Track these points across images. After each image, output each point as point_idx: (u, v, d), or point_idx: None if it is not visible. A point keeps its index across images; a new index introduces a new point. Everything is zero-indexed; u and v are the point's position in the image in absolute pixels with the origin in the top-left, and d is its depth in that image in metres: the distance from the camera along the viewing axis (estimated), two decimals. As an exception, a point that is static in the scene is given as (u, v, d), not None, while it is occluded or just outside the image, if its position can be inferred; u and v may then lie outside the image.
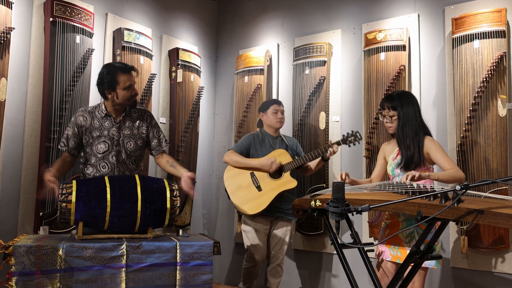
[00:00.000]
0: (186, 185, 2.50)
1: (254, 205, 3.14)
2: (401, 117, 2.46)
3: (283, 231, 3.29)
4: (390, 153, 2.60)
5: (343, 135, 3.21)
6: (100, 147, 2.54)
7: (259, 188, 3.17)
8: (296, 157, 3.22)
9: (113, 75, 2.47)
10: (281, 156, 3.22)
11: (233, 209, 4.27)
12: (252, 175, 3.21)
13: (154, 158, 2.78)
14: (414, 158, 2.40)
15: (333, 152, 3.12)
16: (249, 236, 3.26)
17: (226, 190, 3.28)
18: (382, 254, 2.48)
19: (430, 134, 2.51)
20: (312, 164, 3.30)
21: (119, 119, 2.58)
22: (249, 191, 3.17)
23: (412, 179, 2.17)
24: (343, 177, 2.49)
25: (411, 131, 2.43)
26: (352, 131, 3.19)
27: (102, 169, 2.55)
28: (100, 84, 2.51)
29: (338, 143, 3.15)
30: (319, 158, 3.22)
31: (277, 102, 3.39)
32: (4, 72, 2.85)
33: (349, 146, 3.22)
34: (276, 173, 3.21)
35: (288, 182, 3.16)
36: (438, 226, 1.87)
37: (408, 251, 2.33)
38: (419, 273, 2.32)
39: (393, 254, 2.42)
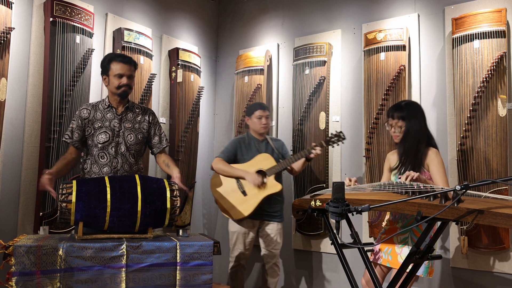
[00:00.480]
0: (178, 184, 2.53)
1: (240, 210, 3.20)
2: (406, 128, 2.45)
3: (274, 231, 3.31)
4: (394, 162, 2.60)
5: (327, 136, 3.26)
6: (100, 137, 2.58)
7: (244, 193, 3.22)
8: (280, 161, 3.25)
9: (109, 61, 2.60)
10: (266, 161, 3.26)
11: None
12: (238, 180, 3.26)
13: (155, 157, 2.81)
14: (415, 169, 2.38)
15: (316, 154, 3.16)
16: (234, 236, 3.31)
17: (213, 196, 3.34)
18: (377, 253, 2.48)
19: (435, 146, 2.49)
20: (296, 165, 3.33)
21: (121, 111, 2.65)
22: (235, 196, 3.23)
23: (411, 179, 2.17)
24: (353, 182, 2.49)
25: (414, 143, 2.42)
26: (336, 131, 3.24)
27: (100, 159, 2.57)
28: (100, 68, 2.65)
29: (321, 145, 3.19)
30: (303, 159, 3.25)
31: (262, 107, 3.38)
32: (4, 72, 2.85)
33: (333, 146, 3.28)
34: (261, 178, 3.24)
35: (272, 186, 3.20)
36: (435, 230, 1.87)
37: (398, 256, 2.34)
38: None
39: (384, 258, 2.43)
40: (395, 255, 2.37)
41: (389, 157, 2.69)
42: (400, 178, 2.40)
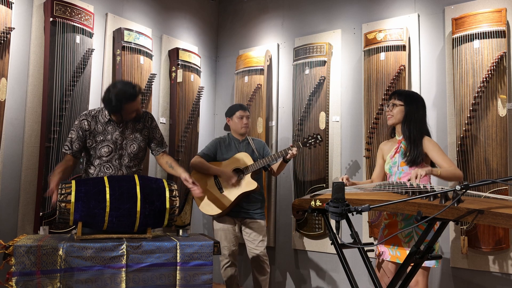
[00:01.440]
0: (189, 185, 2.59)
1: (215, 206, 3.25)
2: (406, 112, 2.47)
3: (256, 228, 3.33)
4: (388, 152, 2.60)
5: (304, 138, 3.28)
6: (103, 151, 2.59)
7: (221, 190, 3.27)
8: (258, 160, 3.27)
9: (120, 103, 2.49)
10: (243, 159, 3.29)
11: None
12: (216, 177, 3.31)
13: (156, 159, 2.83)
14: (418, 153, 2.40)
15: (293, 154, 3.18)
16: (219, 234, 3.35)
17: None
18: (382, 254, 2.48)
19: (429, 135, 2.51)
20: (274, 166, 3.38)
21: (122, 123, 2.64)
22: (212, 193, 3.28)
23: (420, 178, 2.16)
24: (344, 181, 2.50)
25: (415, 127, 2.44)
26: (314, 134, 3.28)
27: (106, 170, 2.60)
28: (107, 104, 2.52)
29: (298, 146, 3.23)
30: (280, 160, 3.28)
31: (242, 108, 3.43)
32: (4, 72, 2.85)
33: (310, 148, 3.34)
34: (239, 176, 3.26)
35: (248, 184, 3.22)
36: (437, 226, 1.87)
37: (407, 251, 2.33)
38: (422, 273, 2.32)
39: (392, 254, 2.42)
40: (403, 251, 2.37)
41: (382, 147, 2.69)
42: (406, 176, 2.41)
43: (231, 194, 3.23)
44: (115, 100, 2.48)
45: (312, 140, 3.27)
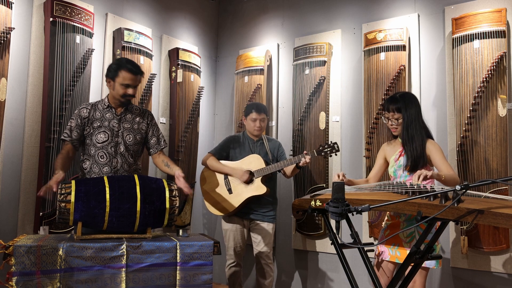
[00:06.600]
0: (180, 183, 2.53)
1: (223, 206, 3.24)
2: (405, 119, 2.44)
3: (264, 231, 3.30)
4: (391, 153, 2.59)
5: (320, 146, 3.19)
6: (100, 137, 2.60)
7: (230, 190, 3.25)
8: (270, 164, 3.22)
9: (118, 68, 2.61)
10: (255, 162, 3.25)
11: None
12: (225, 177, 3.29)
13: (152, 158, 2.81)
14: (421, 160, 2.39)
15: (305, 162, 3.07)
16: (227, 234, 3.35)
17: (201, 190, 3.39)
18: (381, 254, 2.48)
19: (431, 136, 2.50)
20: (287, 170, 3.29)
21: (121, 112, 2.67)
22: (220, 193, 3.27)
23: (424, 178, 2.14)
24: (340, 177, 2.48)
25: (416, 132, 2.42)
26: (331, 142, 3.16)
27: (100, 159, 2.59)
28: (107, 71, 2.66)
29: (312, 154, 3.13)
30: (294, 165, 3.20)
31: (258, 110, 3.31)
32: (4, 72, 2.85)
33: (325, 157, 3.27)
34: (248, 175, 3.23)
35: (257, 188, 3.19)
36: (438, 226, 1.87)
37: (407, 251, 2.33)
38: (420, 273, 2.32)
39: (392, 254, 2.42)
40: (403, 251, 2.37)
41: (384, 148, 2.67)
42: (410, 179, 2.40)
43: (240, 196, 3.20)
44: (117, 62, 2.66)
45: (328, 149, 3.12)
